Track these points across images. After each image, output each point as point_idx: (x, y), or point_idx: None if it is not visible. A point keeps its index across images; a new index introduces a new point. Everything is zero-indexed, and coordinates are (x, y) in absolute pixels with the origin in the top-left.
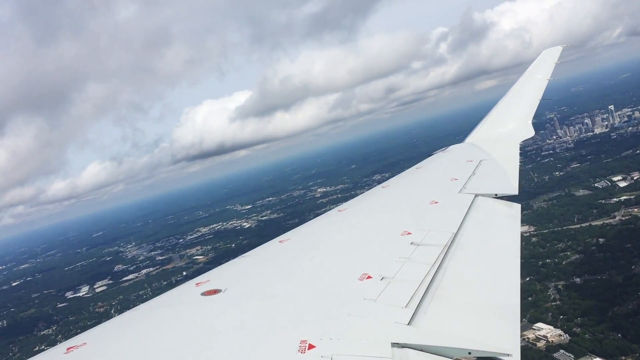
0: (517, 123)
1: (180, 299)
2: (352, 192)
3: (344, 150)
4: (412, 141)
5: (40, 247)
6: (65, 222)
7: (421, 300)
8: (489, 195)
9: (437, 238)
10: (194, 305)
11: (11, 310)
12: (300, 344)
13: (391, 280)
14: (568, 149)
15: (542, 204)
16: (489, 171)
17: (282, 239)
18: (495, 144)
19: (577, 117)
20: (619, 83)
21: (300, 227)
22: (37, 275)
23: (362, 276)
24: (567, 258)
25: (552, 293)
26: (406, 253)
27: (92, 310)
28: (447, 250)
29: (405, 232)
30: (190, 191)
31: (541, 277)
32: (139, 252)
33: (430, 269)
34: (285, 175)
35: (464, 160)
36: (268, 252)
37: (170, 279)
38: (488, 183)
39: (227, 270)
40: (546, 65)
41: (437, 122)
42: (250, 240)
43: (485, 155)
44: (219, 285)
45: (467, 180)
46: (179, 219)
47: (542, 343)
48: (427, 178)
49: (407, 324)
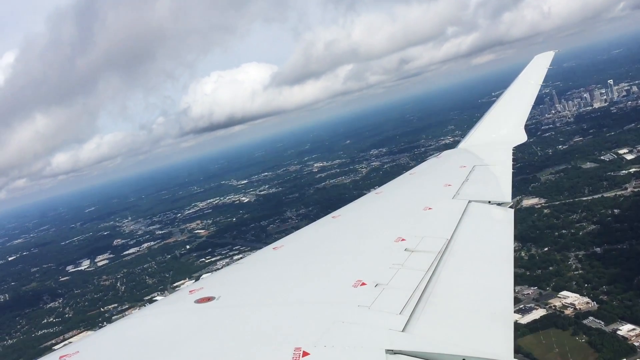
0: (510, 129)
1: (174, 306)
2: (351, 167)
3: (337, 126)
4: (405, 116)
5: (31, 222)
6: (54, 197)
7: (415, 307)
8: (482, 201)
9: (431, 244)
10: (188, 313)
11: (12, 284)
12: (295, 352)
13: (385, 287)
14: (568, 123)
15: (550, 176)
16: (482, 177)
17: (276, 245)
18: (489, 150)
19: (573, 92)
20: (612, 58)
21: (294, 234)
22: (33, 250)
23: (356, 283)
24: (583, 229)
25: (573, 262)
26: (400, 259)
27: (98, 284)
28: (441, 257)
29: (399, 239)
30: (181, 167)
31: (560, 248)
32: (137, 226)
33: (424, 276)
34: (278, 150)
35: (457, 166)
36: (262, 259)
37: (174, 252)
38: (481, 189)
39: (221, 278)
40: (539, 71)
41: (430, 98)
42: (251, 214)
43: (478, 161)
44: (213, 292)
45: (461, 186)
46: (174, 194)
47: (569, 310)
48: (421, 184)
49: (402, 330)
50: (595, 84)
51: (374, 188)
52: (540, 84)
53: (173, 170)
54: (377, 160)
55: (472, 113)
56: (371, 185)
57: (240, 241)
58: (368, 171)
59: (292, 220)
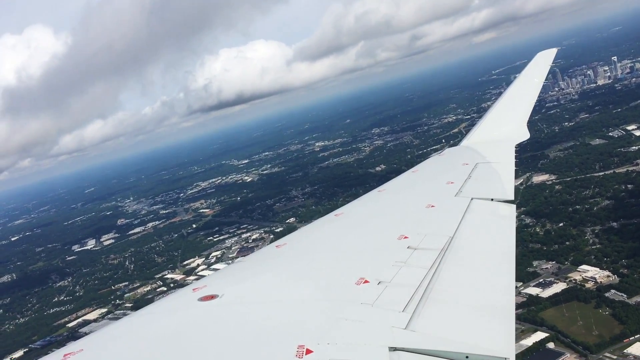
0: (513, 126)
1: (177, 304)
2: (353, 146)
3: (335, 106)
4: (405, 95)
5: (30, 203)
6: (52, 178)
7: (418, 305)
8: (485, 199)
9: (433, 242)
10: (191, 311)
11: (18, 264)
12: (298, 349)
13: (388, 285)
14: (573, 100)
15: (558, 153)
16: (485, 175)
17: (279, 243)
18: (491, 147)
19: (575, 70)
20: (611, 36)
21: (297, 232)
22: (35, 230)
23: (359, 280)
24: (597, 204)
25: (590, 237)
26: (403, 257)
27: (106, 263)
28: (443, 254)
29: (402, 236)
30: (179, 148)
31: (575, 223)
32: (140, 206)
33: (427, 273)
34: (277, 130)
35: (460, 164)
36: (265, 256)
37: (181, 231)
38: (484, 187)
39: (224, 276)
40: (541, 68)
41: (429, 77)
42: (255, 193)
43: (481, 159)
44: (216, 290)
45: (463, 184)
46: (174, 174)
47: (590, 284)
48: (424, 182)
49: (404, 328)
50: (597, 61)
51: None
52: (542, 81)
53: (171, 150)
54: (380, 139)
55: (472, 91)
56: (376, 163)
57: (247, 220)
58: (371, 150)
59: (298, 199)
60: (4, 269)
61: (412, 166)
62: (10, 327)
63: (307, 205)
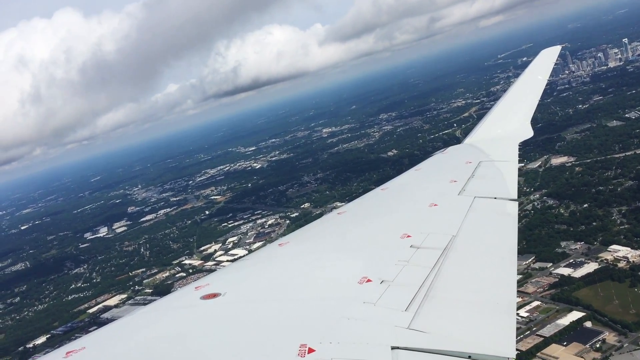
0: (517, 124)
1: (180, 302)
2: (362, 131)
3: (338, 93)
4: (409, 81)
5: (36, 192)
6: (55, 168)
7: (421, 304)
8: (488, 197)
9: (436, 241)
10: (194, 309)
11: (30, 252)
12: (300, 348)
13: (391, 284)
14: (584, 82)
15: (575, 135)
16: (488, 173)
17: (282, 242)
18: (494, 145)
19: (584, 52)
20: (618, 18)
21: (300, 231)
22: (45, 219)
23: (362, 279)
24: (621, 185)
25: (617, 217)
26: (406, 256)
27: (120, 249)
28: (446, 253)
29: (405, 235)
30: (182, 136)
31: (600, 203)
32: (149, 194)
33: (430, 272)
34: (281, 117)
35: (462, 162)
36: (267, 255)
37: (194, 218)
38: (487, 185)
39: (227, 274)
40: (545, 66)
41: (433, 62)
42: (266, 180)
43: (484, 157)
44: (219, 289)
45: (466, 182)
46: (180, 162)
47: (623, 263)
48: (426, 180)
49: (407, 327)
50: (605, 44)
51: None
52: (547, 79)
53: (175, 139)
54: (388, 124)
55: (480, 76)
56: (387, 148)
57: (260, 206)
58: (381, 135)
59: (311, 185)
60: (17, 257)
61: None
62: (29, 314)
63: (321, 191)
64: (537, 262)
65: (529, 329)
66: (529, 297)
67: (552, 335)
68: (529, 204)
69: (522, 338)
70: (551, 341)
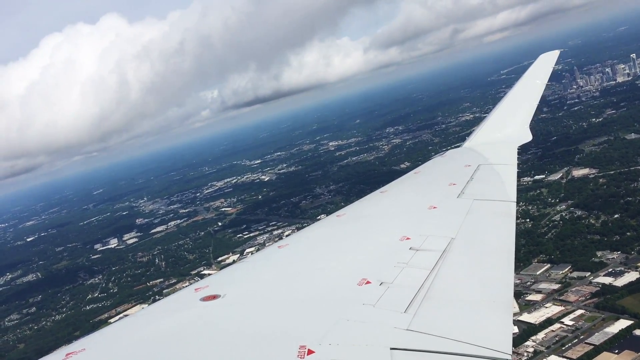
0: (516, 127)
1: (179, 304)
2: (370, 144)
3: (340, 106)
4: (412, 96)
5: (37, 205)
6: (55, 181)
7: (420, 306)
8: (487, 200)
9: (435, 243)
10: (193, 311)
11: (40, 263)
12: (300, 349)
13: (390, 286)
14: (594, 97)
15: (593, 148)
16: (487, 176)
17: (281, 244)
18: (494, 149)
19: (590, 68)
20: (618, 35)
21: (299, 233)
22: (50, 231)
23: (361, 281)
24: None
25: None
26: (405, 258)
27: (134, 260)
28: (445, 256)
29: (404, 237)
30: (182, 150)
31: (631, 214)
32: (156, 206)
33: (429, 274)
34: (284, 131)
35: (462, 165)
36: (267, 257)
37: (207, 229)
38: (486, 188)
39: (226, 276)
40: (544, 70)
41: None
42: (277, 192)
43: (483, 160)
44: (218, 290)
45: (466, 186)
46: (184, 175)
47: None
48: (426, 183)
49: (406, 329)
50: (610, 59)
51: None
52: (545, 83)
53: (175, 153)
54: (397, 137)
55: (484, 90)
56: (399, 161)
57: (275, 217)
58: (390, 148)
59: (324, 196)
60: (27, 268)
61: None
62: (48, 324)
63: (336, 202)
64: (574, 271)
65: (577, 337)
66: (572, 306)
67: (602, 344)
68: (557, 215)
69: (570, 346)
70: (602, 349)
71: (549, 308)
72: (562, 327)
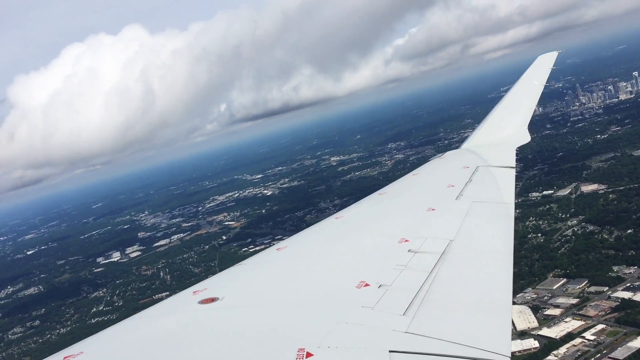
0: (514, 129)
1: (178, 307)
2: (372, 160)
3: (340, 123)
4: (412, 112)
5: (36, 219)
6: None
7: (419, 308)
8: (485, 202)
9: (434, 245)
10: (192, 314)
11: (41, 276)
12: (298, 352)
13: (389, 288)
14: (598, 114)
15: (600, 164)
16: (486, 178)
17: (280, 246)
18: (492, 150)
19: (591, 85)
20: (617, 54)
21: (297, 235)
22: (51, 244)
23: (360, 284)
24: None
25: None
26: (404, 260)
27: (138, 274)
28: (444, 258)
29: (403, 240)
30: (181, 164)
31: None
32: (157, 220)
33: (427, 277)
34: (284, 147)
35: (460, 167)
36: (265, 259)
37: (211, 243)
38: (484, 190)
39: (225, 278)
40: (542, 71)
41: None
42: (280, 206)
43: (481, 162)
44: (217, 293)
45: (464, 187)
46: (185, 190)
47: None
48: (424, 185)
49: (405, 331)
50: (611, 77)
51: None
52: (544, 84)
53: (174, 167)
54: (399, 153)
55: (485, 107)
56: (402, 176)
57: (280, 231)
58: (394, 163)
59: (329, 211)
60: (29, 281)
61: None
62: (52, 337)
63: None
64: (591, 286)
65: (599, 352)
66: (592, 321)
67: (626, 358)
68: (568, 230)
69: None
70: None
71: (568, 322)
72: (583, 342)
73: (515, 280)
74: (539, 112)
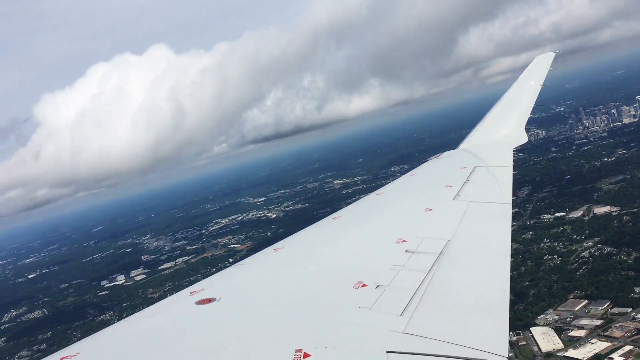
0: (511, 129)
1: (174, 308)
2: (377, 182)
3: (340, 146)
4: (413, 136)
5: (35, 242)
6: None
7: (416, 308)
8: (482, 202)
9: (431, 245)
10: (188, 315)
11: (45, 300)
12: (296, 353)
13: (386, 289)
14: (602, 137)
15: (610, 186)
16: (483, 178)
17: (277, 247)
18: (489, 150)
19: (593, 109)
20: (616, 79)
21: (295, 235)
22: (52, 268)
23: (357, 284)
24: None
25: None
26: (401, 261)
27: (145, 296)
28: (441, 258)
29: (400, 240)
30: (181, 188)
31: None
32: (160, 243)
33: (425, 277)
34: (284, 170)
35: (457, 167)
36: (262, 260)
37: (218, 265)
38: (482, 190)
39: (222, 279)
40: (539, 72)
41: (432, 118)
42: (286, 229)
43: (479, 162)
44: (214, 294)
45: (461, 187)
46: (187, 212)
47: None
48: (422, 185)
49: (402, 332)
50: (613, 101)
51: None
52: (541, 84)
53: (174, 191)
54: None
55: None
56: None
57: None
58: None
59: None
60: (32, 304)
61: None
62: None
63: None
64: (614, 307)
65: None
66: (619, 342)
67: None
68: (585, 252)
69: None
70: None
71: (595, 344)
72: None
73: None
74: (543, 135)
